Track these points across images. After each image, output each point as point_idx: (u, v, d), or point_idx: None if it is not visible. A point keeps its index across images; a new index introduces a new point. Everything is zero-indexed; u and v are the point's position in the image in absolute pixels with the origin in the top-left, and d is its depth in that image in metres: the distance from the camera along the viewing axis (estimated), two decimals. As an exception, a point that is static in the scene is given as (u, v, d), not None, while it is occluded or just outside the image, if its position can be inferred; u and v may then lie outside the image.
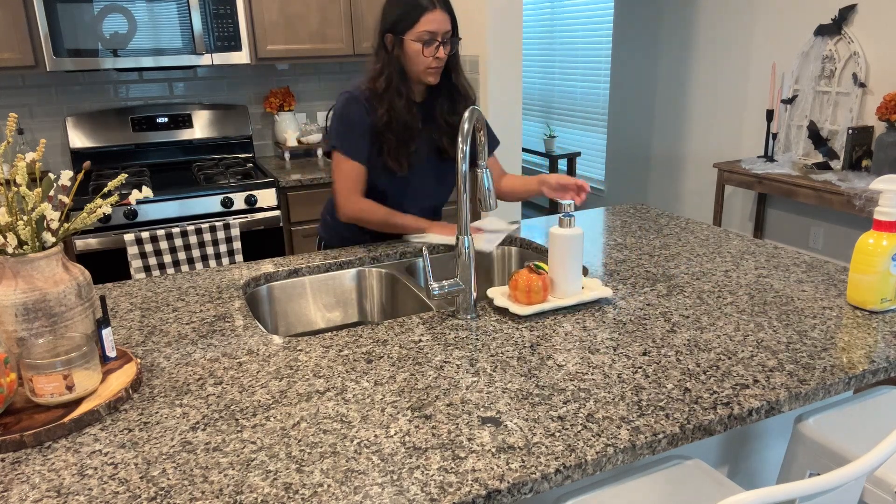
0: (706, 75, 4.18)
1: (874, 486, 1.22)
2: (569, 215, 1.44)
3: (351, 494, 0.88)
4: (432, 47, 1.73)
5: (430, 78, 1.78)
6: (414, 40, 1.73)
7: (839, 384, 1.14)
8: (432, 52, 1.74)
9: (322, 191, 3.08)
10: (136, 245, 2.70)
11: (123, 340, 1.35)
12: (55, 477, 0.93)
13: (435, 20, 1.72)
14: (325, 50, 3.24)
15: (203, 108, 3.34)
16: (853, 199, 2.95)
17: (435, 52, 1.74)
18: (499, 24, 3.16)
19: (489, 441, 0.98)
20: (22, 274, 1.08)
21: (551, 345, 1.28)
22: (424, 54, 1.73)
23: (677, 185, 4.56)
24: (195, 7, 2.88)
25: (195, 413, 1.08)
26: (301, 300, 1.75)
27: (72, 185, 1.22)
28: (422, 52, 1.73)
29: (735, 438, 1.55)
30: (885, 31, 3.18)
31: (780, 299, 1.47)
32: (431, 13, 1.72)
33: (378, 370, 1.20)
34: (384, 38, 1.77)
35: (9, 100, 3.05)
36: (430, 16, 1.71)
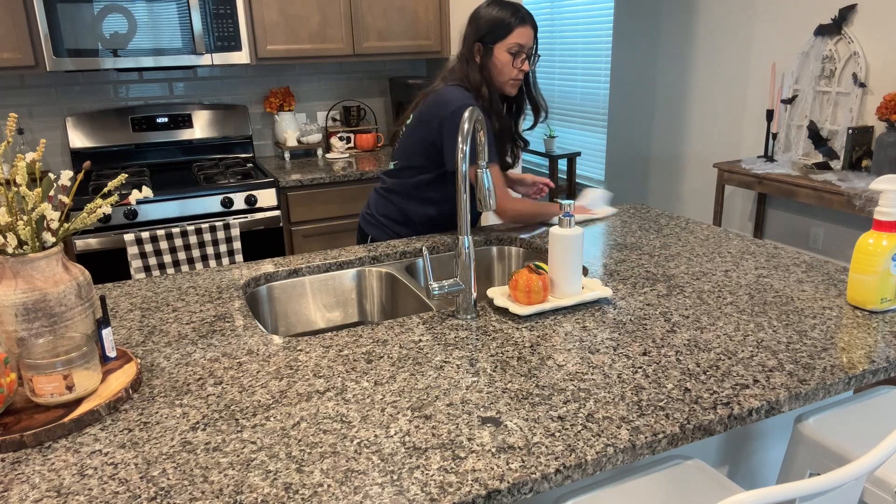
0: (706, 75, 4.18)
1: (874, 486, 1.22)
2: (569, 215, 1.44)
3: (351, 494, 0.88)
4: (519, 59, 1.83)
5: (511, 89, 1.89)
6: (502, 52, 1.83)
7: (839, 384, 1.14)
8: (519, 64, 1.84)
9: (322, 191, 3.08)
10: (136, 245, 2.70)
11: (123, 340, 1.35)
12: (55, 477, 0.93)
13: (525, 34, 1.82)
14: (325, 50, 3.24)
15: (203, 108, 3.34)
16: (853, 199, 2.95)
17: (521, 65, 1.84)
18: (499, 24, 3.16)
19: (489, 441, 0.98)
20: (22, 274, 1.08)
21: (551, 345, 1.28)
22: (513, 65, 1.84)
23: (677, 185, 4.56)
24: (195, 7, 2.88)
25: (195, 413, 1.08)
26: (301, 300, 1.75)
27: (72, 185, 1.22)
28: (511, 62, 1.83)
29: (735, 438, 1.55)
30: (885, 31, 3.18)
31: (780, 299, 1.47)
32: (523, 27, 1.82)
33: (378, 370, 1.20)
34: (473, 47, 1.86)
35: (9, 100, 3.05)
36: (522, 30, 1.82)
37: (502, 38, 1.82)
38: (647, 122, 4.71)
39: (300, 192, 3.05)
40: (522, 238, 1.94)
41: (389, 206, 2.02)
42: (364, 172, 3.14)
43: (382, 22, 3.32)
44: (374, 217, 2.06)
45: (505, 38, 1.82)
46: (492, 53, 1.84)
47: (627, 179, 5.02)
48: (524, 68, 1.85)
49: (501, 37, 1.82)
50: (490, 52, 1.84)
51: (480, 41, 1.84)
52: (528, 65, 1.86)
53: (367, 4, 3.26)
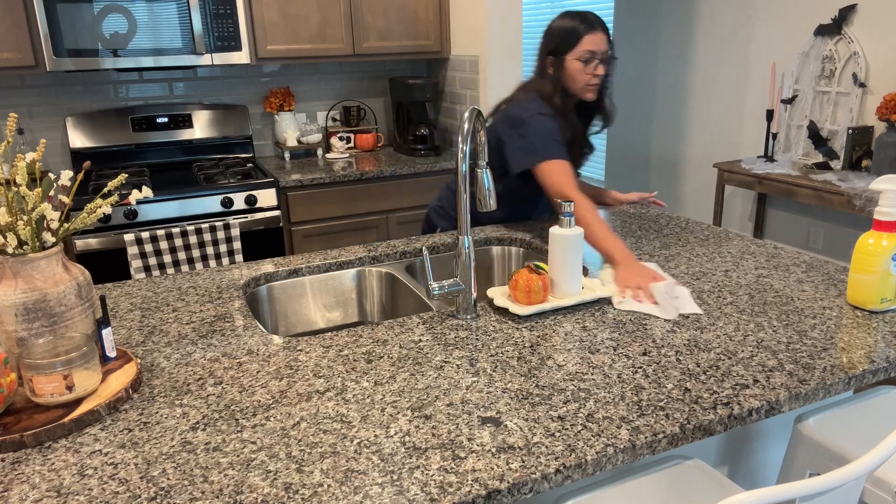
0: (706, 75, 4.18)
1: (874, 486, 1.22)
2: (569, 215, 1.44)
3: (351, 494, 0.88)
4: (592, 65, 1.87)
5: (589, 95, 1.92)
6: (575, 60, 1.87)
7: (839, 384, 1.14)
8: (592, 70, 1.87)
9: (322, 191, 3.08)
10: (136, 245, 2.70)
11: (123, 340, 1.35)
12: (55, 477, 0.93)
13: (595, 40, 1.85)
14: (325, 50, 3.24)
15: (203, 108, 3.34)
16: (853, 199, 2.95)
17: (595, 70, 1.87)
18: (499, 24, 3.16)
19: (489, 441, 0.98)
20: (22, 274, 1.08)
21: (551, 345, 1.28)
22: (585, 72, 1.87)
23: (677, 185, 4.56)
24: (195, 7, 2.88)
25: (195, 413, 1.08)
26: (301, 300, 1.75)
27: (72, 185, 1.22)
28: (582, 69, 1.87)
29: (735, 438, 1.55)
30: (885, 31, 3.18)
31: (780, 299, 1.47)
32: (593, 34, 1.85)
33: (378, 370, 1.20)
34: (545, 60, 1.93)
35: (9, 100, 3.05)
36: (592, 36, 1.85)
37: (572, 48, 1.87)
38: (647, 122, 4.71)
39: (300, 192, 3.05)
40: (522, 238, 1.94)
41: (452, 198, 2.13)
42: (364, 172, 3.14)
43: (382, 22, 3.32)
44: (444, 210, 2.16)
45: (575, 46, 1.86)
46: (564, 63, 1.89)
47: (627, 179, 5.02)
48: (598, 73, 1.88)
49: (572, 46, 1.87)
50: (562, 63, 1.89)
51: (552, 53, 1.91)
52: (602, 69, 1.88)
53: (367, 4, 3.26)
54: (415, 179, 3.27)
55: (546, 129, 1.86)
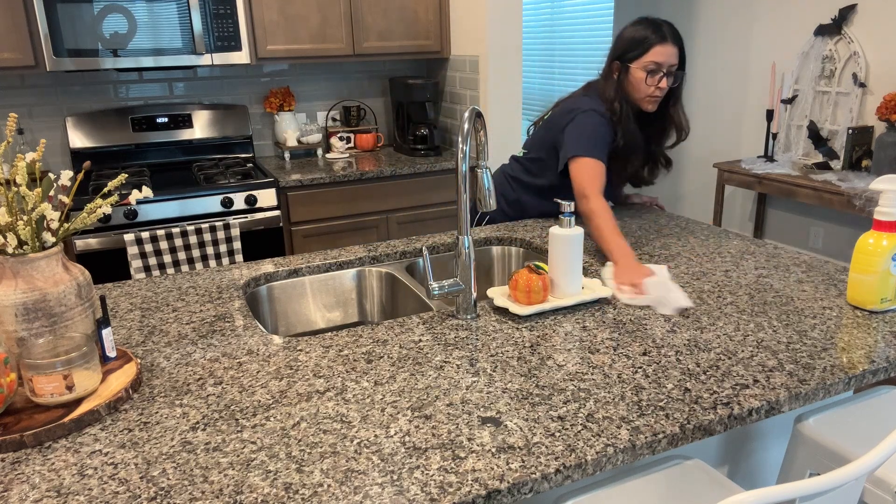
0: (706, 75, 4.18)
1: (874, 486, 1.22)
2: (569, 215, 1.44)
3: (351, 494, 0.88)
4: (656, 77, 1.84)
5: (648, 106, 1.90)
6: (639, 69, 1.85)
7: (839, 384, 1.14)
8: (655, 82, 1.84)
9: (322, 191, 3.08)
10: (136, 245, 2.70)
11: (123, 340, 1.35)
12: (55, 477, 0.93)
13: (664, 53, 1.82)
14: (325, 50, 3.24)
15: (203, 108, 3.34)
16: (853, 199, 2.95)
17: (658, 83, 1.84)
18: (499, 24, 3.16)
19: (489, 441, 0.98)
20: (22, 274, 1.08)
21: (551, 345, 1.28)
22: (647, 83, 1.84)
23: (677, 185, 4.55)
24: (195, 7, 2.88)
25: (195, 413, 1.08)
26: (301, 300, 1.75)
27: (72, 185, 1.22)
28: (645, 80, 1.84)
29: (735, 438, 1.55)
30: (885, 31, 3.18)
31: (780, 299, 1.47)
32: (662, 46, 1.82)
33: (378, 370, 1.20)
34: (612, 65, 1.91)
35: (9, 100, 3.05)
36: (661, 48, 1.82)
37: (639, 57, 1.84)
38: (647, 122, 4.71)
39: (300, 192, 3.05)
40: (522, 238, 1.94)
41: (507, 188, 2.17)
42: (364, 172, 3.14)
43: (382, 22, 3.32)
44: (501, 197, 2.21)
45: (642, 56, 1.84)
46: (628, 71, 1.87)
47: (627, 179, 5.01)
48: (661, 86, 1.85)
49: (639, 55, 1.85)
50: (627, 70, 1.87)
51: (619, 59, 1.89)
52: (665, 82, 1.85)
53: (367, 4, 3.26)
54: (415, 179, 3.27)
55: (598, 128, 1.87)
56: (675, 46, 1.84)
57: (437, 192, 3.33)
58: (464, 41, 3.37)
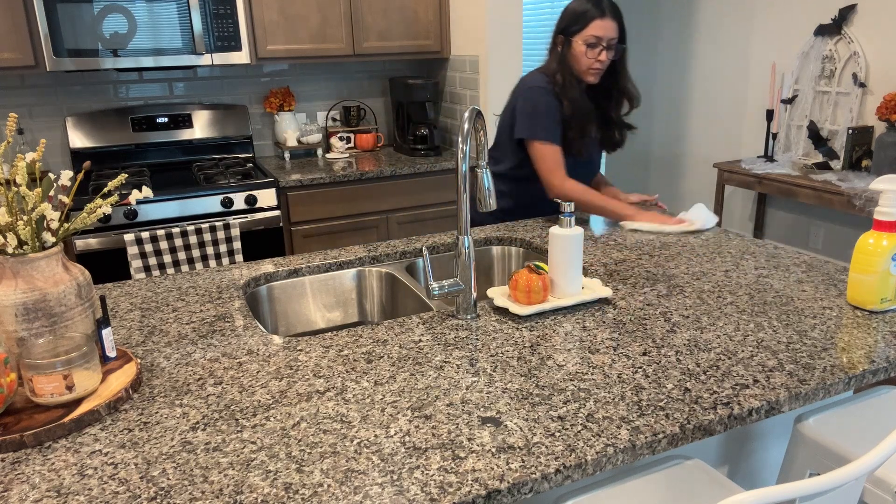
0: (706, 75, 4.18)
1: (874, 486, 1.22)
2: (569, 215, 1.44)
3: (351, 494, 0.88)
4: (596, 50, 1.93)
5: (590, 77, 1.98)
6: (580, 43, 1.94)
7: (839, 384, 1.14)
8: (595, 55, 1.94)
9: (322, 191, 3.08)
10: (136, 245, 2.70)
11: (123, 340, 1.35)
12: (55, 477, 0.93)
13: (603, 27, 1.91)
14: (325, 50, 3.24)
15: (203, 108, 3.34)
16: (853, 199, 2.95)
17: (598, 55, 1.94)
18: (499, 24, 3.16)
19: (489, 441, 0.98)
20: (22, 274, 1.08)
21: (551, 345, 1.28)
22: (588, 56, 1.94)
23: (677, 185, 4.55)
24: (195, 7, 2.88)
25: (195, 413, 1.08)
26: (301, 300, 1.75)
27: (72, 185, 1.22)
28: (585, 53, 1.94)
29: (735, 438, 1.55)
30: (885, 31, 3.18)
31: (780, 299, 1.47)
32: (602, 20, 1.91)
33: (378, 370, 1.20)
34: (556, 38, 2.00)
35: (9, 100, 3.05)
36: (600, 22, 1.91)
37: (580, 31, 1.93)
38: (647, 122, 4.71)
39: (300, 192, 3.05)
40: (522, 238, 1.94)
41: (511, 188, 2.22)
42: (364, 172, 3.14)
43: (382, 22, 3.32)
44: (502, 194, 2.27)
45: (582, 30, 1.92)
46: (571, 44, 1.96)
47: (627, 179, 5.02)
48: (601, 59, 1.93)
49: (579, 29, 1.93)
50: (569, 44, 1.96)
51: (562, 33, 1.98)
52: (605, 55, 1.93)
53: (367, 4, 3.26)
54: (415, 179, 3.27)
55: (543, 105, 1.98)
56: (613, 21, 1.92)
57: (437, 192, 3.33)
58: (464, 41, 3.37)
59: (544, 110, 1.97)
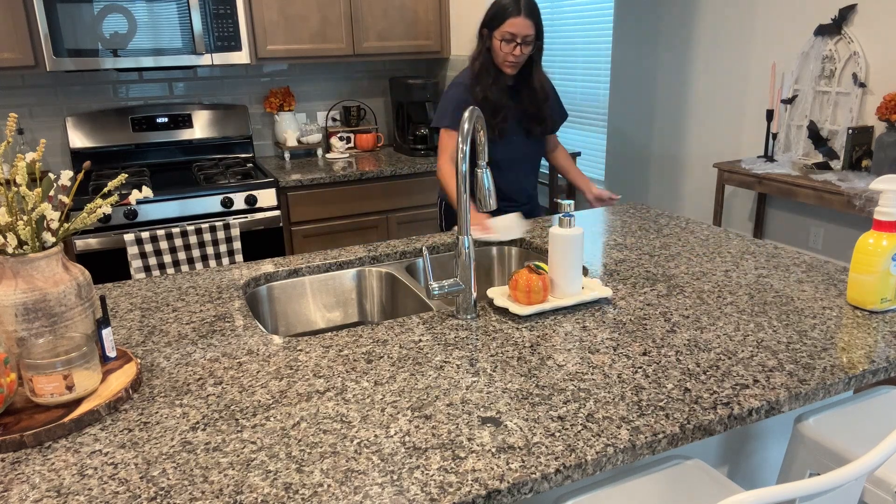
0: (706, 75, 4.18)
1: (874, 486, 1.22)
2: (569, 215, 1.44)
3: (351, 494, 0.88)
4: (511, 45, 2.06)
5: (507, 69, 2.13)
6: (497, 38, 2.08)
7: (839, 384, 1.14)
8: (510, 50, 2.07)
9: (322, 191, 3.08)
10: (136, 245, 2.70)
11: (123, 340, 1.35)
12: (55, 477, 0.93)
13: (517, 24, 2.04)
14: (325, 50, 3.23)
15: (203, 108, 3.34)
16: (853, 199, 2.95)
17: (512, 50, 2.07)
18: (499, 24, 3.15)
19: (489, 441, 0.98)
20: (22, 274, 1.08)
21: (551, 345, 1.28)
22: (503, 49, 2.08)
23: (677, 185, 4.55)
24: (195, 7, 2.88)
25: (195, 413, 1.08)
26: (301, 300, 1.75)
27: (72, 185, 1.22)
28: (500, 47, 2.08)
29: (735, 438, 1.55)
30: (885, 31, 3.18)
31: (780, 299, 1.47)
32: (516, 18, 2.04)
33: (378, 370, 1.20)
34: (481, 30, 2.15)
35: (9, 100, 3.05)
36: (515, 20, 2.04)
37: (498, 26, 2.06)
38: (647, 122, 4.71)
39: (300, 192, 3.05)
40: (522, 238, 1.94)
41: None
42: (364, 172, 3.14)
43: (382, 22, 3.32)
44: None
45: (500, 26, 2.06)
46: (491, 38, 2.10)
47: (627, 179, 5.02)
48: (515, 53, 2.07)
49: (497, 24, 2.07)
50: (490, 37, 2.11)
51: (486, 27, 2.12)
52: (519, 50, 2.06)
53: (367, 4, 3.26)
54: (415, 179, 3.27)
55: (452, 98, 2.17)
56: (529, 20, 2.04)
57: (438, 192, 3.33)
58: (464, 41, 3.37)
59: (452, 100, 2.17)
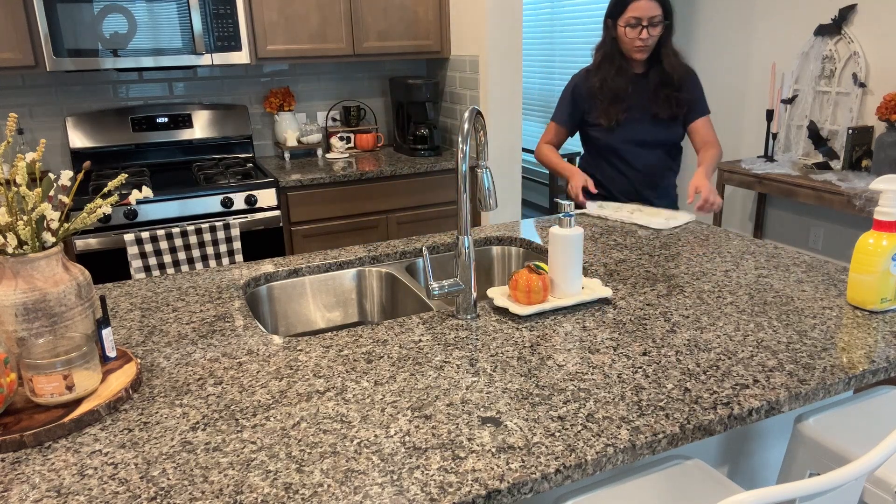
0: (706, 75, 4.18)
1: (874, 486, 1.22)
2: (569, 215, 1.44)
3: (351, 494, 0.88)
4: (637, 30, 2.10)
5: (636, 55, 2.17)
6: (622, 24, 2.12)
7: (839, 384, 1.14)
8: (636, 34, 2.11)
9: (322, 191, 3.08)
10: (136, 245, 2.70)
11: (123, 340, 1.35)
12: (55, 477, 0.93)
13: (640, 7, 2.08)
14: (325, 50, 3.23)
15: (203, 108, 3.34)
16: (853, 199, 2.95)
17: (639, 34, 2.10)
18: (499, 24, 3.16)
19: (489, 441, 0.98)
20: (22, 274, 1.08)
21: (551, 345, 1.28)
22: (629, 35, 2.12)
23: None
24: (195, 7, 2.87)
25: (195, 413, 1.08)
26: (301, 300, 1.75)
27: (72, 185, 1.22)
28: (626, 34, 2.12)
29: (735, 438, 1.55)
30: (885, 31, 3.18)
31: (780, 299, 1.47)
32: (638, 1, 2.07)
33: (378, 370, 1.20)
34: (605, 22, 2.21)
35: (9, 100, 3.05)
36: (638, 3, 2.08)
37: (621, 13, 2.12)
38: (647, 122, 4.71)
39: (300, 192, 3.05)
40: (522, 238, 1.94)
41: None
42: (364, 172, 3.14)
43: (382, 22, 3.32)
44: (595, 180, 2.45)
45: (623, 12, 2.11)
46: (615, 27, 2.16)
47: (627, 179, 5.01)
48: (642, 37, 2.10)
49: (620, 11, 2.12)
50: (614, 26, 2.16)
51: (609, 16, 2.18)
52: (646, 33, 2.09)
53: (367, 4, 3.26)
54: (415, 179, 3.27)
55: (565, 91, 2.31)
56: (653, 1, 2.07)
57: (437, 192, 3.33)
58: (464, 41, 3.37)
59: (565, 94, 2.30)
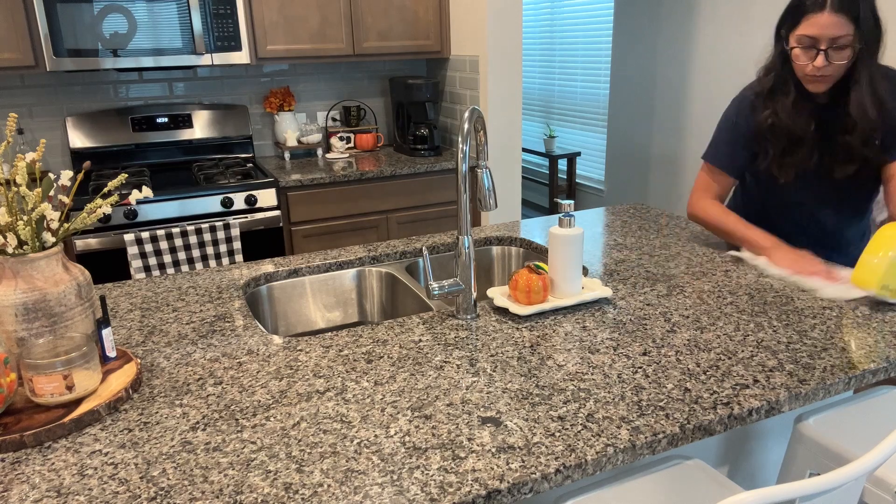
0: (706, 75, 4.18)
1: (874, 486, 1.22)
2: (569, 215, 1.44)
3: (351, 494, 0.88)
4: (810, 53, 1.50)
5: (810, 86, 1.57)
6: (793, 42, 1.54)
7: (839, 384, 1.14)
8: (809, 59, 1.51)
9: (322, 191, 3.08)
10: (136, 245, 2.70)
11: (123, 340, 1.35)
12: (55, 477, 0.93)
13: (818, 24, 1.47)
14: (325, 50, 3.23)
15: (203, 108, 3.34)
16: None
17: (812, 60, 1.51)
18: (499, 24, 3.16)
19: (489, 441, 0.98)
20: (22, 274, 1.08)
21: (551, 345, 1.28)
22: (800, 60, 1.53)
23: (677, 185, 4.55)
24: (195, 7, 2.88)
25: (195, 413, 1.08)
26: (301, 300, 1.75)
27: (72, 185, 1.22)
28: (797, 56, 1.54)
29: (735, 438, 1.55)
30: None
31: (780, 299, 1.47)
32: (816, 15, 1.47)
33: (378, 370, 1.20)
34: (778, 30, 1.61)
35: (9, 100, 3.05)
36: (815, 18, 1.47)
37: (794, 27, 1.53)
38: (647, 122, 4.71)
39: (300, 192, 3.05)
40: (522, 238, 1.94)
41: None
42: (364, 172, 3.14)
43: (382, 22, 3.32)
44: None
45: (795, 27, 1.52)
46: (785, 43, 1.57)
47: (627, 179, 5.02)
48: (816, 64, 1.49)
49: (792, 25, 1.53)
50: (787, 39, 1.57)
51: (781, 25, 1.59)
52: (821, 60, 1.48)
53: (367, 4, 3.26)
54: (415, 179, 3.27)
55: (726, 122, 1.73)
56: (837, 15, 1.45)
57: (437, 192, 3.33)
58: (464, 41, 3.37)
59: (723, 126, 1.73)
